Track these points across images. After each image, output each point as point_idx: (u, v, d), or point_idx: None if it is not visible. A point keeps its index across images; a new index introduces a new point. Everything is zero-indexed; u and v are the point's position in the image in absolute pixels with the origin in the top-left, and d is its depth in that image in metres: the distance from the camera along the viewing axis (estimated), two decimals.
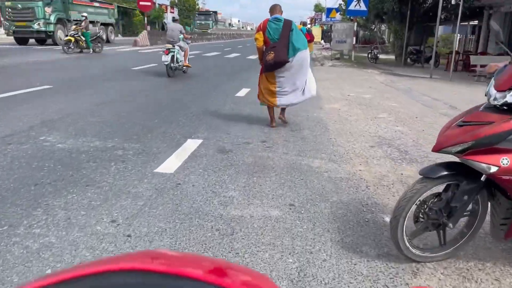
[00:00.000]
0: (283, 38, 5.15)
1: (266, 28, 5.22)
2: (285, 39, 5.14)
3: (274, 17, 5.29)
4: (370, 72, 14.94)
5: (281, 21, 5.24)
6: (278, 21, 5.24)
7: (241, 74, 12.34)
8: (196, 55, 20.16)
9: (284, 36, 5.15)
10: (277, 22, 5.23)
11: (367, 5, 19.55)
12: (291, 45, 5.17)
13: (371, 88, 10.28)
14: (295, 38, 5.21)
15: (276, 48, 5.11)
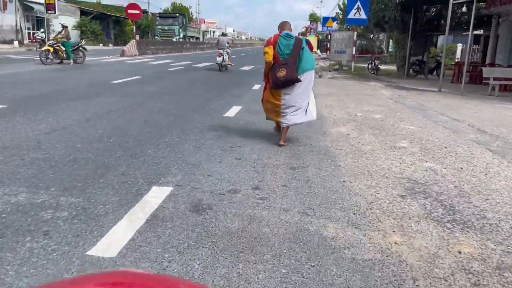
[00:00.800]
0: (293, 56, 5.04)
1: (276, 43, 5.10)
2: (296, 57, 5.04)
3: (285, 33, 5.18)
4: (374, 85, 13.76)
5: (292, 38, 5.14)
6: (289, 38, 5.13)
7: (232, 90, 11.10)
8: (185, 66, 18.94)
9: (295, 53, 5.05)
10: (288, 38, 5.12)
11: (367, 14, 18.48)
12: (301, 63, 5.08)
13: (379, 105, 9.06)
14: (305, 57, 5.11)
15: (288, 65, 4.98)
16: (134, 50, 23.86)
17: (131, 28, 55.52)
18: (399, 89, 12.81)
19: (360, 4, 18.31)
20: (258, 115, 7.27)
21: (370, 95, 11.00)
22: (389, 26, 19.02)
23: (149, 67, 17.23)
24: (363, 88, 12.79)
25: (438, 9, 18.71)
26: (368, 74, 19.28)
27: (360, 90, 12.06)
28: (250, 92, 10.62)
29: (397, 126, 6.67)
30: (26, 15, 37.82)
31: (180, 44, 35.73)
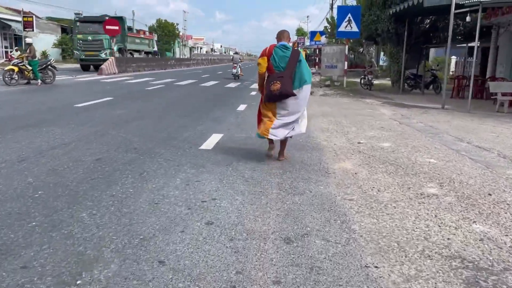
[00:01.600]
0: (289, 68, 4.83)
1: (271, 54, 4.86)
2: (292, 70, 4.84)
3: (282, 44, 4.94)
4: (371, 103, 12.55)
5: (289, 49, 4.90)
6: (286, 49, 4.90)
7: (214, 111, 9.77)
8: (166, 84, 17.61)
9: (291, 66, 4.84)
10: (285, 50, 4.89)
11: (359, 26, 17.45)
12: (297, 77, 4.89)
13: (383, 129, 7.80)
14: (302, 70, 4.90)
15: (283, 78, 4.78)
16: (113, 68, 22.47)
17: None
18: (399, 107, 11.61)
19: (351, 16, 17.29)
20: (242, 145, 5.94)
21: (370, 115, 9.75)
22: (382, 39, 17.99)
23: (126, 86, 15.86)
24: (360, 106, 11.56)
25: (432, 21, 17.77)
26: (361, 89, 18.15)
27: (357, 109, 10.83)
28: (233, 115, 9.30)
29: (415, 160, 5.37)
30: (4, 33, 36.30)
31: (164, 61, 34.47)
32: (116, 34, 23.42)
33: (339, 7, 17.45)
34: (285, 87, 4.75)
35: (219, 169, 4.75)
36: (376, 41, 19.32)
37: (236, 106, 10.85)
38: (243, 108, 10.51)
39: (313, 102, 12.46)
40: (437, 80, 17.92)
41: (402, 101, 13.58)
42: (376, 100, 13.59)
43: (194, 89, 16.11)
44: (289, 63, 4.84)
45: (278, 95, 4.80)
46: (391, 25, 16.43)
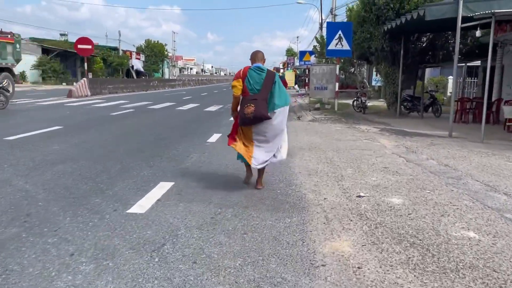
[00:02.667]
0: (264, 91, 4.65)
1: (246, 76, 4.68)
2: (266, 92, 4.65)
3: (256, 66, 4.76)
4: (367, 130, 10.84)
5: (264, 71, 4.72)
6: (260, 71, 4.71)
7: (177, 145, 7.97)
8: (138, 108, 15.79)
9: (266, 88, 4.65)
10: (259, 72, 4.70)
11: (350, 44, 15.92)
12: (272, 99, 4.69)
13: (388, 171, 6.03)
14: (277, 92, 4.71)
15: (257, 101, 4.57)
16: (85, 90, 20.67)
17: (99, 66, 52.89)
18: (401, 136, 9.89)
19: (342, 33, 15.77)
20: (194, 204, 4.12)
21: (368, 148, 8.00)
22: (375, 58, 16.45)
23: (89, 111, 14.03)
24: (355, 135, 9.83)
25: (430, 39, 16.32)
26: (354, 113, 16.52)
27: (352, 140, 9.09)
28: (200, 149, 7.49)
29: (446, 234, 3.56)
30: None
31: (146, 82, 32.78)
32: (89, 54, 21.68)
33: (329, 23, 15.96)
34: (260, 110, 4.54)
35: (136, 260, 2.91)
36: (369, 60, 17.80)
37: (208, 136, 9.07)
38: (215, 139, 8.74)
39: (301, 130, 10.73)
40: (436, 102, 16.36)
41: (402, 127, 11.91)
42: (373, 126, 11.90)
43: (167, 113, 14.34)
44: (264, 85, 4.65)
45: (252, 118, 4.58)
46: (385, 43, 14.92)
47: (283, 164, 6.24)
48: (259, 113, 4.54)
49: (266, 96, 4.66)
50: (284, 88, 4.91)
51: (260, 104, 4.57)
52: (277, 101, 4.70)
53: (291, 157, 6.94)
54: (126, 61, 59.74)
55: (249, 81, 4.68)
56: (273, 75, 4.75)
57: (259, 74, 4.71)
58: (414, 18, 10.97)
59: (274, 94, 4.71)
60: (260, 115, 4.56)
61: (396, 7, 14.45)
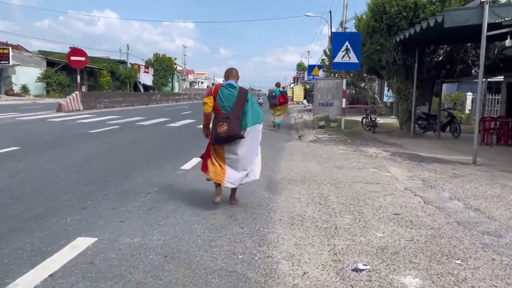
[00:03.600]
0: (236, 109, 4.57)
1: (217, 94, 4.60)
2: (239, 110, 4.59)
3: (228, 83, 4.68)
4: (375, 155, 9.28)
5: (236, 88, 4.65)
6: (232, 88, 4.64)
7: (142, 172, 6.53)
8: (125, 124, 14.45)
9: (238, 106, 4.58)
10: (231, 89, 4.64)
11: (358, 56, 14.46)
12: (245, 117, 4.64)
13: (400, 219, 4.49)
14: (250, 110, 4.67)
15: (229, 119, 4.49)
16: (76, 104, 19.51)
17: (106, 80, 52.27)
18: (416, 162, 8.33)
19: (349, 44, 14.35)
20: (108, 281, 2.63)
21: (375, 181, 6.46)
22: (387, 72, 14.95)
23: (67, 128, 12.74)
24: (360, 162, 8.29)
25: (447, 51, 14.77)
26: (363, 131, 14.97)
27: (356, 169, 7.55)
28: (167, 180, 6.05)
29: None
30: None
31: (148, 95, 31.63)
32: (82, 66, 20.60)
33: (335, 34, 14.55)
34: (233, 129, 4.48)
35: None
36: (379, 74, 16.30)
37: (185, 160, 7.64)
38: (192, 164, 7.30)
39: (298, 153, 9.23)
40: (454, 121, 14.75)
41: (417, 150, 10.34)
42: (383, 149, 10.34)
43: (153, 131, 12.98)
44: (236, 103, 4.58)
45: (225, 137, 4.52)
46: (397, 55, 13.45)
47: (263, 205, 4.78)
48: (232, 131, 4.47)
49: (239, 114, 4.59)
50: (256, 106, 4.85)
51: (232, 122, 4.49)
52: (249, 119, 4.65)
53: (277, 193, 5.47)
54: (134, 74, 59.15)
55: (220, 98, 4.58)
56: (245, 93, 4.66)
57: (231, 91, 4.61)
58: (430, 26, 9.49)
59: (247, 112, 4.65)
60: (233, 134, 4.49)
61: (410, 16, 13.02)
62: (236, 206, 4.85)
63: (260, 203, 5.02)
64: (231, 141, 4.58)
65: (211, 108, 4.62)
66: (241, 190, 5.58)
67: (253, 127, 4.71)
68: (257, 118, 4.78)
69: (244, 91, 4.69)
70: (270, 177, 6.59)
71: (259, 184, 6.01)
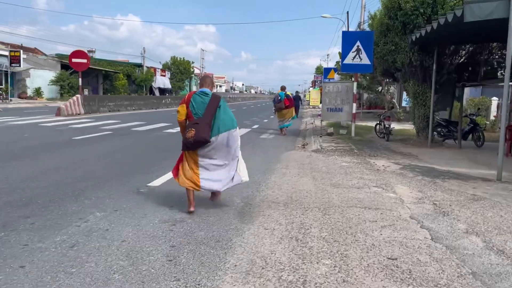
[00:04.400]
0: (207, 115, 4.60)
1: (190, 101, 4.68)
2: (210, 116, 4.62)
3: (201, 91, 4.76)
4: (383, 168, 8.10)
5: (208, 95, 4.71)
6: (205, 95, 4.71)
7: (104, 188, 5.56)
8: (117, 130, 13.59)
9: (209, 112, 4.62)
10: (203, 96, 4.70)
11: (371, 57, 13.25)
12: (216, 123, 4.65)
13: (395, 267, 3.34)
14: (222, 116, 4.70)
15: (198, 125, 4.56)
16: (77, 108, 18.85)
17: (122, 83, 52.12)
18: (429, 179, 7.13)
19: (360, 44, 13.16)
20: None
21: (375, 205, 5.30)
22: (402, 75, 13.70)
23: (52, 134, 11.96)
24: (363, 178, 7.12)
25: (470, 51, 13.41)
26: (376, 139, 13.73)
27: (356, 188, 6.40)
28: (125, 200, 5.06)
29: None
30: None
31: (157, 99, 30.92)
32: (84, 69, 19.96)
33: (344, 33, 13.37)
34: (200, 134, 4.52)
35: None
36: (394, 76, 15.01)
37: (158, 174, 6.67)
38: (164, 180, 6.32)
39: (295, 165, 8.13)
40: (477, 128, 13.37)
41: (433, 162, 9.11)
42: (394, 160, 9.14)
43: (143, 138, 12.07)
44: (207, 110, 4.62)
45: (193, 142, 4.57)
46: (414, 56, 12.19)
47: (222, 241, 3.76)
48: (199, 136, 4.52)
49: (209, 120, 4.61)
50: (229, 113, 4.85)
51: (201, 128, 4.54)
52: (220, 125, 4.67)
53: (249, 221, 4.42)
54: (150, 77, 58.93)
55: (193, 105, 4.66)
56: (217, 99, 4.73)
57: (203, 98, 4.69)
58: (449, 22, 8.30)
59: (219, 118, 4.67)
60: (199, 139, 4.54)
61: (427, 12, 11.76)
62: (187, 243, 3.81)
63: (220, 237, 3.97)
64: (199, 146, 4.62)
65: (184, 116, 4.72)
66: (207, 215, 4.56)
67: (228, 132, 4.72)
68: (231, 124, 4.77)
69: (216, 98, 4.73)
70: (250, 198, 5.52)
71: (232, 208, 4.98)
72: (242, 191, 5.85)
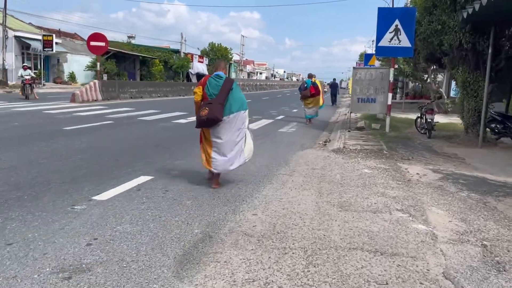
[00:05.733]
0: (220, 96, 5.03)
1: (205, 84, 5.12)
2: (223, 97, 5.04)
3: (216, 74, 5.20)
4: (416, 178, 6.26)
5: (222, 78, 5.14)
6: (219, 79, 5.13)
7: (33, 203, 4.19)
8: (120, 120, 12.39)
9: (222, 94, 5.04)
10: (218, 79, 5.12)
11: (412, 39, 11.21)
12: (228, 104, 5.09)
13: None
14: (233, 97, 5.13)
15: (211, 104, 4.98)
16: (94, 94, 17.93)
17: (158, 69, 51.72)
18: (478, 195, 5.27)
19: (399, 23, 11.12)
20: None
21: (391, 249, 3.59)
22: (450, 60, 11.53)
23: (48, 123, 10.87)
24: (384, 194, 5.36)
25: None
26: (416, 135, 11.73)
27: (370, 211, 4.67)
28: (43, 225, 3.66)
29: None
30: (28, 54, 33.98)
31: (186, 86, 29.71)
32: (102, 53, 18.99)
33: (381, 10, 11.29)
34: (212, 113, 4.88)
35: None
36: (440, 62, 12.79)
37: (118, 182, 5.28)
38: (118, 191, 4.90)
39: (303, 171, 6.48)
40: None
41: (483, 168, 7.17)
42: (432, 166, 7.26)
43: (143, 129, 10.76)
44: (220, 91, 4.99)
45: (206, 120, 4.94)
46: (465, 38, 10.06)
47: None
48: (212, 115, 4.88)
49: (222, 101, 5.01)
50: (240, 95, 5.28)
51: (214, 107, 4.93)
52: (232, 106, 5.09)
53: (186, 276, 2.89)
54: (187, 64, 58.24)
55: (208, 87, 5.06)
56: (230, 82, 5.14)
57: (217, 81, 5.06)
58: None
59: (230, 99, 5.08)
60: (212, 117, 4.90)
61: None
62: None
63: None
64: (211, 124, 5.01)
65: (200, 97, 5.11)
66: (133, 261, 3.08)
67: (238, 113, 5.14)
68: (241, 105, 5.20)
69: (229, 81, 5.13)
70: (216, 225, 3.98)
71: (179, 244, 3.47)
72: (213, 211, 4.33)
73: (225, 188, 5.34)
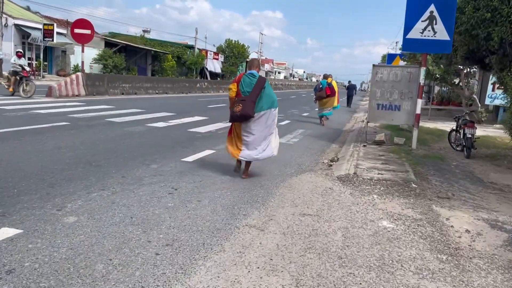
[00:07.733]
0: (253, 94, 5.39)
1: (240, 81, 5.51)
2: (255, 95, 5.41)
3: (250, 73, 5.58)
4: (467, 242, 3.73)
5: (255, 77, 5.51)
6: (252, 77, 5.50)
7: None
8: (75, 121, 10.10)
9: (254, 91, 5.40)
10: (251, 78, 5.49)
11: (451, 31, 8.65)
12: (260, 101, 5.46)
13: None
14: (265, 95, 5.51)
15: (245, 101, 5.34)
16: (76, 88, 15.77)
17: (171, 64, 49.79)
18: None
19: (436, 9, 8.56)
20: None
21: None
22: (498, 58, 8.96)
23: None
24: (420, 287, 2.90)
25: None
26: (450, 154, 9.16)
27: None
28: None
29: None
30: (29, 44, 32.26)
31: (190, 82, 27.42)
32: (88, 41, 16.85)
33: None
34: (245, 109, 5.31)
35: None
36: (484, 62, 10.11)
37: None
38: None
39: (287, 219, 4.02)
40: None
41: None
42: (484, 212, 4.76)
43: (105, 134, 8.48)
44: (253, 89, 5.40)
45: (239, 115, 5.36)
46: None
47: None
48: (245, 111, 5.32)
49: (254, 99, 5.41)
50: (272, 94, 5.66)
51: (247, 104, 5.34)
52: (263, 104, 5.49)
53: None
54: (201, 60, 56.19)
55: (242, 85, 5.49)
56: (263, 81, 5.53)
57: (251, 79, 5.50)
58: None
59: (262, 97, 5.48)
60: (245, 113, 5.33)
61: None
62: None
63: None
64: (243, 119, 5.45)
65: (235, 93, 5.54)
66: None
67: (269, 110, 5.56)
68: (272, 103, 5.61)
69: (262, 79, 5.55)
70: None
71: None
72: None
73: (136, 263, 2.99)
